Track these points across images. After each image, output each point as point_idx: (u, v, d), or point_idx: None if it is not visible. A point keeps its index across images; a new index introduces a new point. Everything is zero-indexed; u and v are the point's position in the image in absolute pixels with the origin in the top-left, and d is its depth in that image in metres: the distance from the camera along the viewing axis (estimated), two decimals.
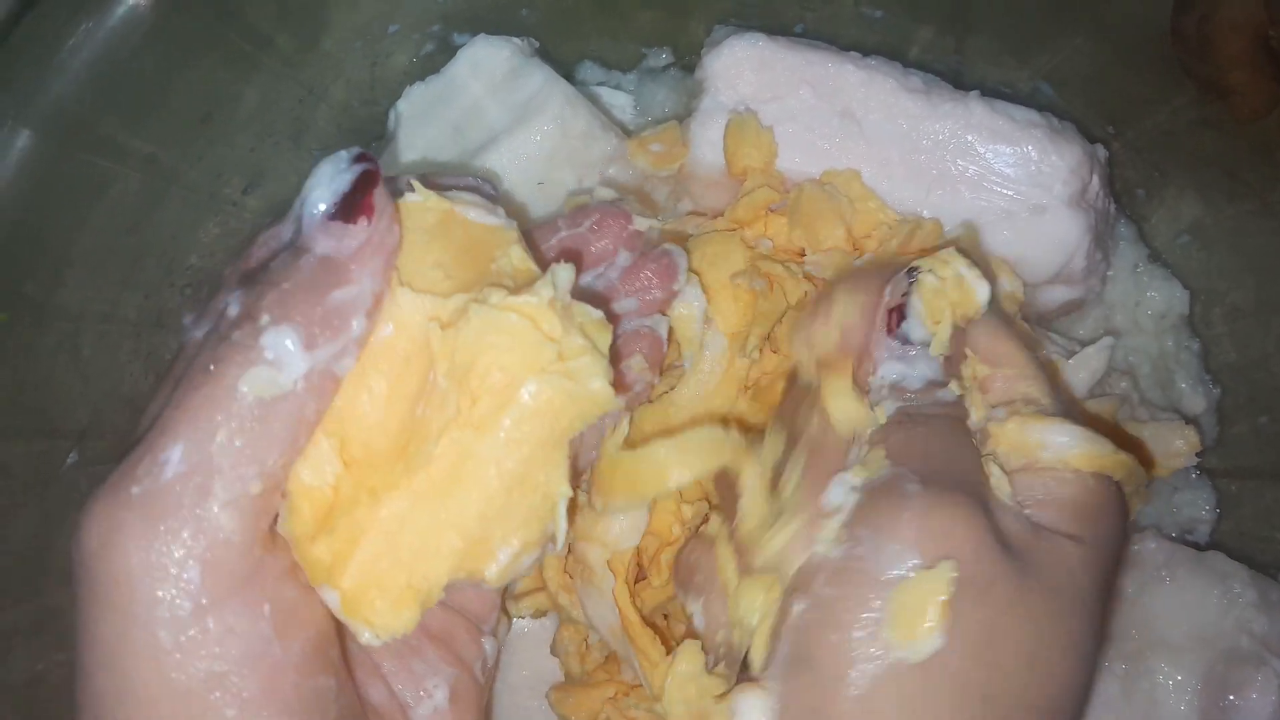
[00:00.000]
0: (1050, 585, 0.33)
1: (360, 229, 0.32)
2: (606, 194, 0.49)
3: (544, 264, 0.36)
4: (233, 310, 0.32)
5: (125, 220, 0.47)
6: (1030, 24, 0.55)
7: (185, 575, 0.29)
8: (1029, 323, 0.52)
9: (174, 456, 0.30)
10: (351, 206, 0.32)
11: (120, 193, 0.47)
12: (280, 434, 0.31)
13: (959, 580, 0.31)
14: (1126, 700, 0.48)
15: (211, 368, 0.31)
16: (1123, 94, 0.54)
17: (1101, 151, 0.52)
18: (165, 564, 0.29)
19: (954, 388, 0.37)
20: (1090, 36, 0.54)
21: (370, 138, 0.56)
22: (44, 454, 0.46)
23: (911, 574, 0.32)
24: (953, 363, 0.38)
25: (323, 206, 0.32)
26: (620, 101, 0.57)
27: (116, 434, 0.47)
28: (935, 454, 0.35)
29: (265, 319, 0.31)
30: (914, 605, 0.31)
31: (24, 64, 0.43)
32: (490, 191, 0.39)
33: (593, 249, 0.43)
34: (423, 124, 0.52)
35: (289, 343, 0.31)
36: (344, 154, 0.33)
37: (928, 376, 0.37)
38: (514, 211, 0.40)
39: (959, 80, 0.52)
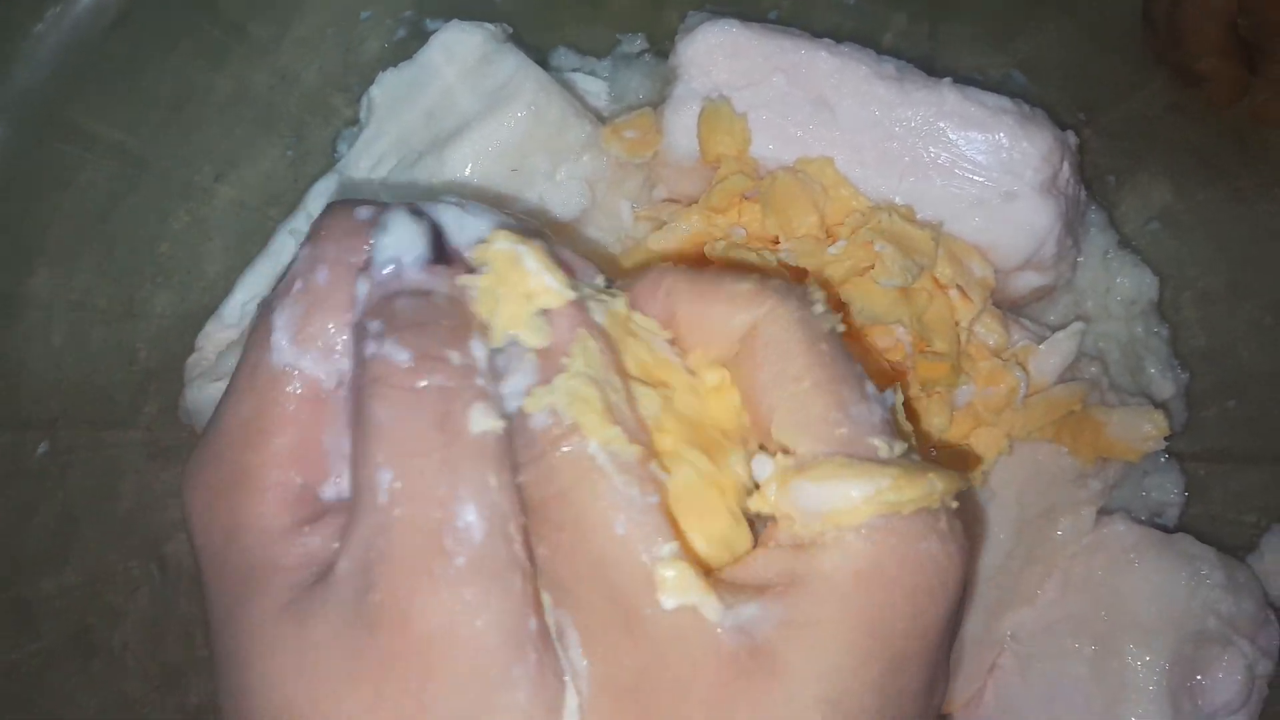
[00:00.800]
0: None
1: (457, 268, 0.31)
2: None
3: None
4: (398, 356, 0.29)
5: (95, 208, 0.47)
6: (1003, 11, 0.55)
7: (529, 624, 0.28)
8: (1000, 309, 0.52)
9: (471, 518, 0.27)
10: (441, 250, 0.31)
11: (90, 180, 0.46)
12: (507, 459, 0.29)
13: None
14: (1095, 680, 0.49)
15: (446, 423, 0.28)
16: (1094, 81, 0.55)
17: (1072, 138, 0.52)
18: (518, 621, 0.28)
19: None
20: (1062, 23, 0.54)
21: (343, 124, 0.56)
22: (14, 444, 0.46)
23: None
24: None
25: (422, 252, 0.30)
26: (594, 88, 0.57)
27: (88, 424, 0.47)
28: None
29: (455, 356, 0.29)
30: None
31: None
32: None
33: None
34: (395, 110, 0.52)
35: (474, 366, 0.29)
36: (403, 207, 0.31)
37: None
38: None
39: (932, 67, 0.52)
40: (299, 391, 0.30)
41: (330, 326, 0.31)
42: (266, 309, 0.31)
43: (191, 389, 0.51)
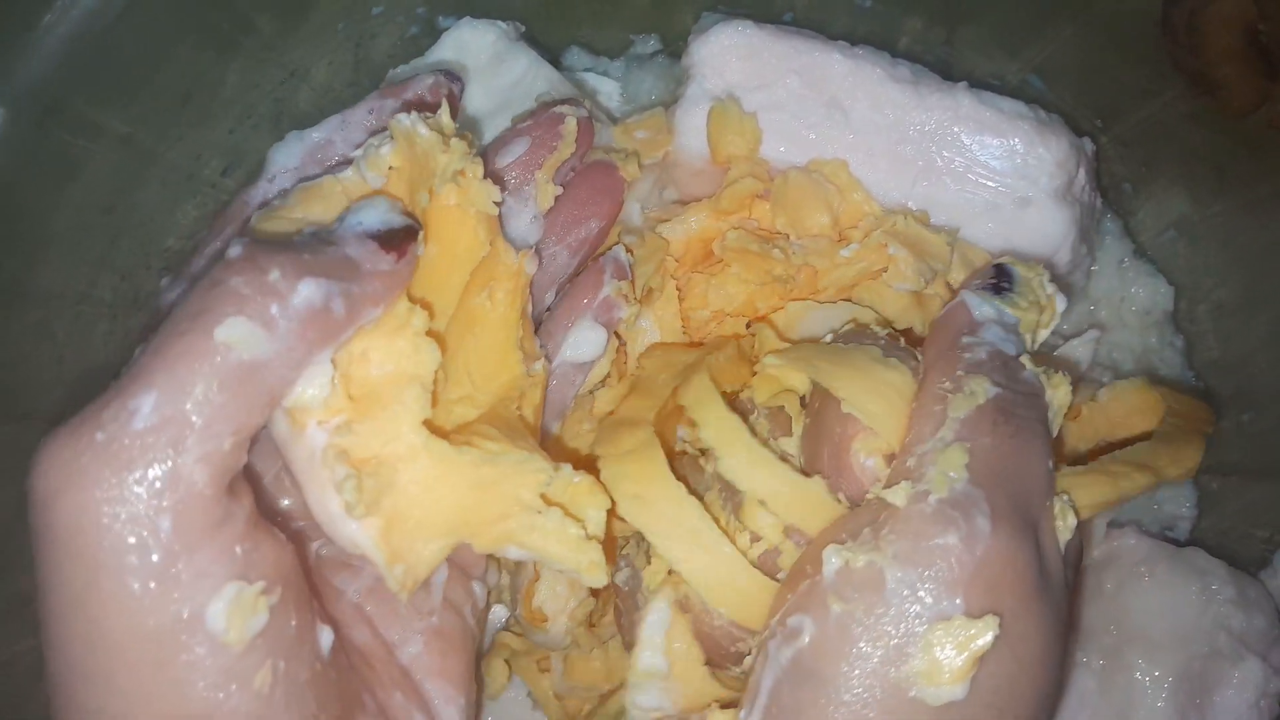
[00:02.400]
0: (1062, 624, 0.33)
1: (389, 260, 0.33)
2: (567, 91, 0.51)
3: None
4: (235, 252, 0.31)
5: (101, 200, 0.47)
6: (1020, 16, 0.55)
7: (156, 524, 0.29)
8: None
9: (145, 406, 0.29)
10: (393, 240, 0.34)
11: (96, 173, 0.46)
12: (257, 398, 0.30)
13: (998, 634, 0.30)
14: (1103, 696, 0.48)
15: (198, 316, 0.30)
16: (1112, 87, 0.54)
17: (1089, 145, 0.52)
18: (135, 513, 0.29)
19: (1034, 366, 0.36)
20: (1080, 29, 0.54)
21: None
22: (17, 436, 0.45)
23: (952, 618, 0.30)
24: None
25: (369, 225, 0.34)
26: (607, 88, 0.57)
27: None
28: (1015, 476, 0.33)
29: (275, 274, 0.31)
30: (949, 652, 0.30)
31: None
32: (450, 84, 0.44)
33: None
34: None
35: (297, 302, 0.31)
36: (398, 204, 0.35)
37: (1020, 348, 0.37)
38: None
39: (948, 71, 0.52)
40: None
41: None
42: None
43: None
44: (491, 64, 0.51)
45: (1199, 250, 0.55)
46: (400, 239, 0.34)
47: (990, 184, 0.49)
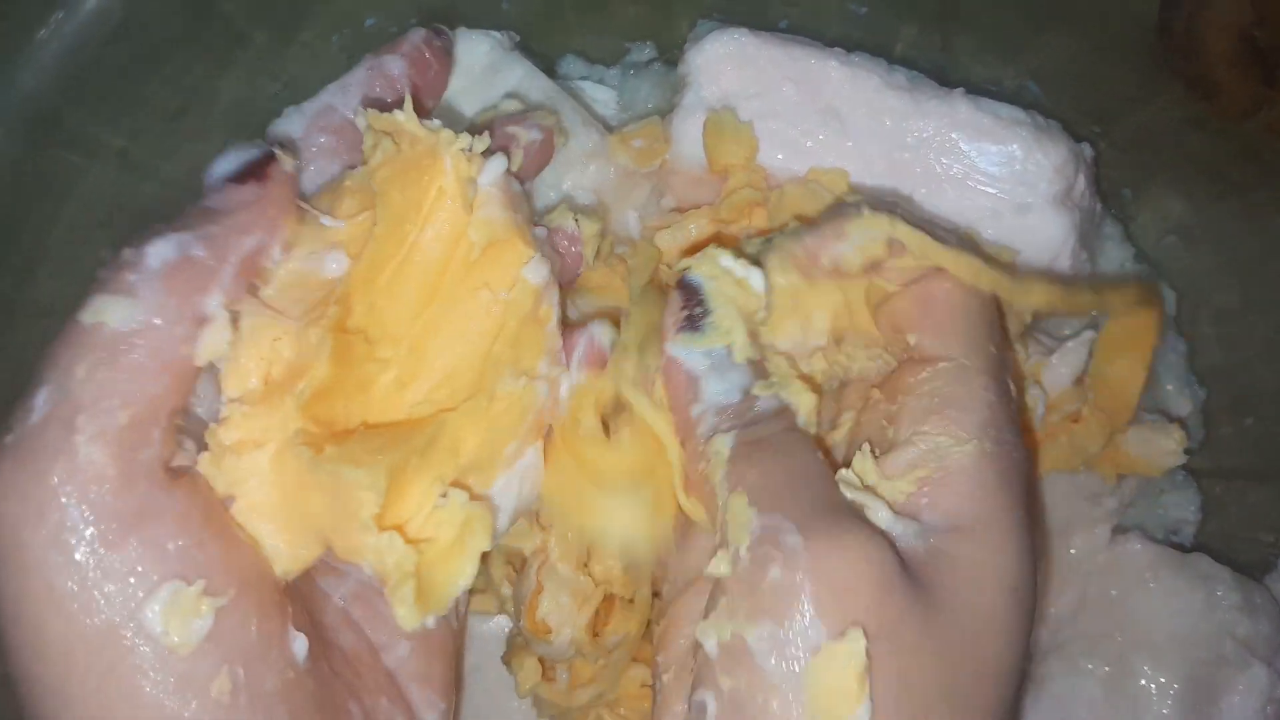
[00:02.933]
0: (953, 605, 0.32)
1: (251, 189, 0.35)
2: (511, 106, 0.50)
3: None
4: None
5: (97, 214, 0.47)
6: (1017, 21, 0.55)
7: (68, 516, 0.29)
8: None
9: (39, 400, 0.30)
10: (249, 172, 0.35)
11: (92, 186, 0.46)
12: (144, 364, 0.31)
13: (869, 640, 0.29)
14: (1109, 702, 0.48)
15: (75, 309, 0.31)
16: (1109, 92, 0.54)
17: (1088, 150, 0.52)
18: (45, 507, 0.29)
19: (766, 389, 0.36)
20: (1077, 34, 0.54)
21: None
22: None
23: (821, 651, 0.29)
24: (759, 365, 0.37)
25: (221, 171, 0.35)
26: (603, 96, 0.57)
27: None
28: (797, 484, 0.33)
29: (127, 250, 0.32)
30: (833, 687, 0.29)
31: None
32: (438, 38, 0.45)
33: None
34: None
35: (150, 262, 0.32)
36: (253, 149, 0.36)
37: (743, 385, 0.36)
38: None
39: (945, 78, 0.52)
40: None
41: None
42: None
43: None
44: (486, 74, 0.51)
45: (1199, 255, 0.55)
46: (256, 167, 0.35)
47: (989, 190, 0.49)
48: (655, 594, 0.45)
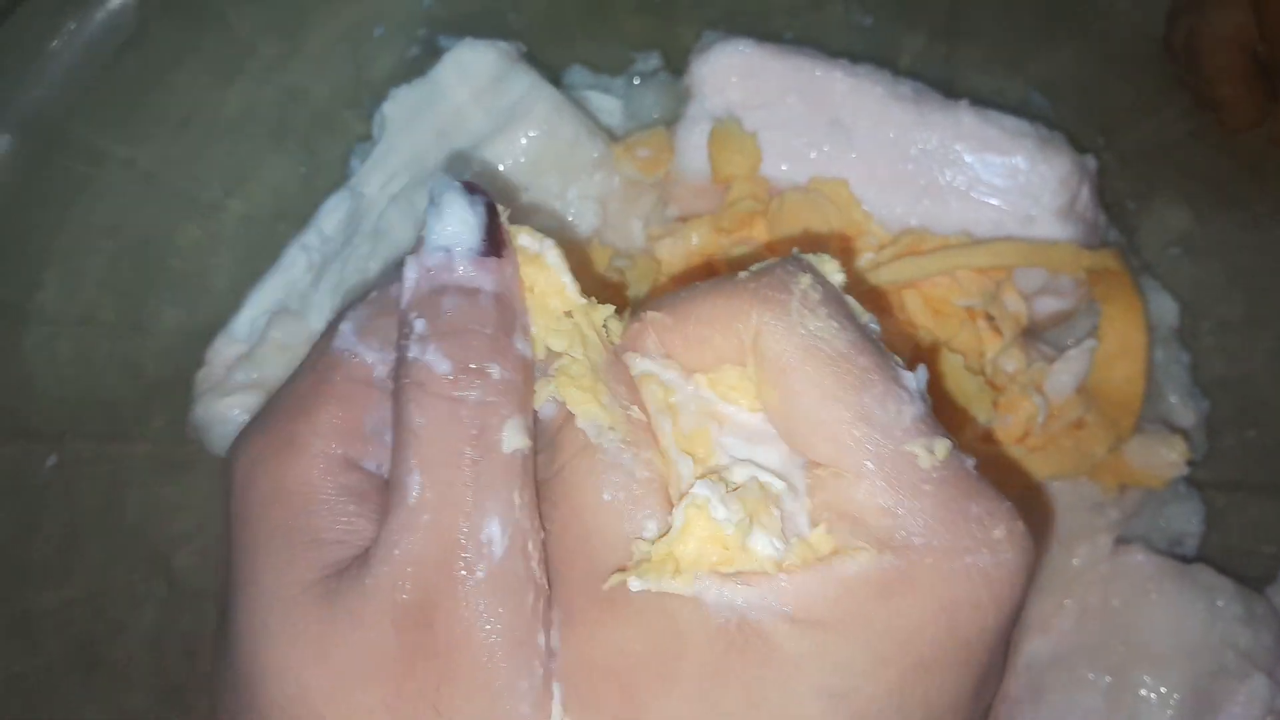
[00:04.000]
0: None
1: (508, 260, 0.31)
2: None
3: None
4: (441, 368, 0.29)
5: (104, 223, 0.47)
6: (1022, 33, 0.55)
7: (538, 641, 0.28)
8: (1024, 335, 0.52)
9: (495, 532, 0.27)
10: (493, 240, 0.31)
11: (99, 195, 0.46)
12: (531, 477, 0.29)
13: None
14: (1109, 713, 0.48)
15: (476, 439, 0.28)
16: (1114, 104, 0.54)
17: (1092, 162, 0.52)
18: (521, 639, 0.27)
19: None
20: (1082, 46, 0.54)
21: (355, 140, 0.56)
22: (21, 457, 0.46)
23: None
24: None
25: (474, 242, 0.30)
26: (609, 106, 0.57)
27: (94, 437, 0.47)
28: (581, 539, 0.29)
29: (496, 370, 0.29)
30: None
31: (2, 68, 0.43)
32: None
33: None
34: (408, 127, 0.52)
35: (516, 376, 0.29)
36: (456, 186, 0.31)
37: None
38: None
39: (950, 89, 0.52)
40: (351, 373, 0.31)
41: (394, 324, 0.31)
42: (341, 311, 0.33)
43: (200, 404, 0.51)
44: (492, 84, 0.51)
45: (1202, 267, 0.55)
46: (494, 233, 0.31)
47: (993, 202, 0.49)
48: None
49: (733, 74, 0.50)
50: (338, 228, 0.53)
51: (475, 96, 0.51)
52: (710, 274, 0.50)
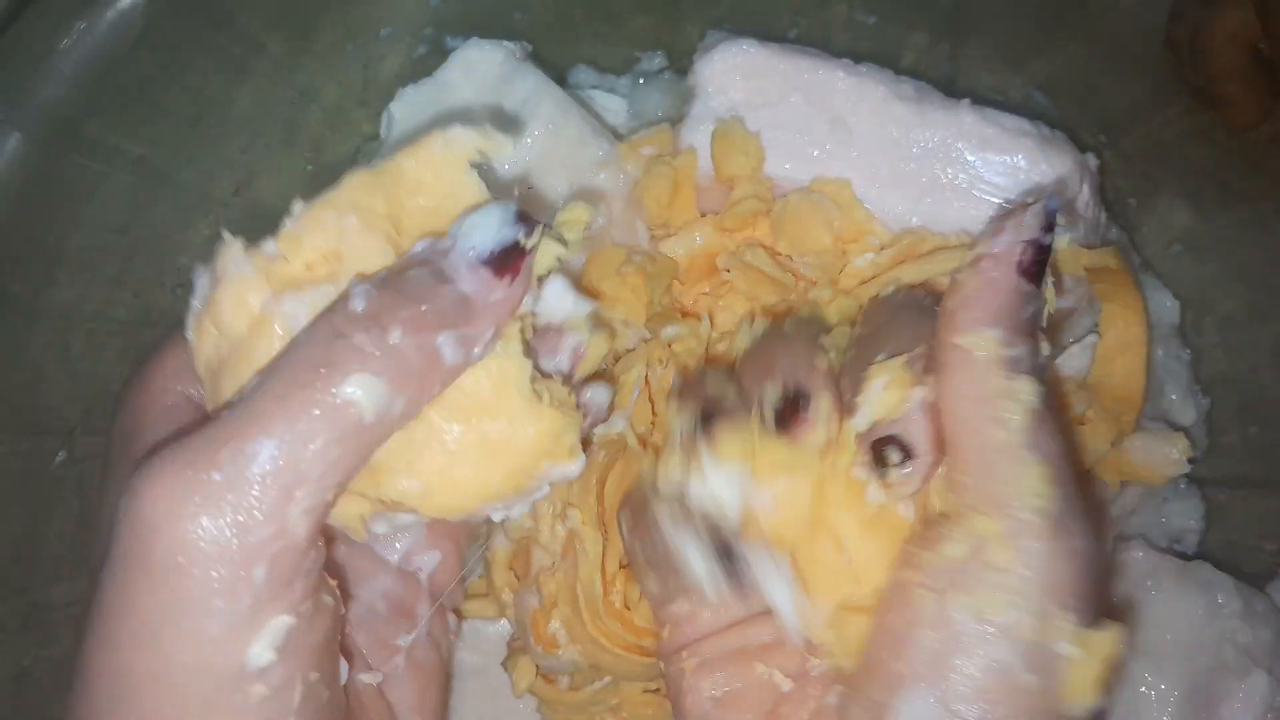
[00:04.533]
0: None
1: (504, 286, 0.32)
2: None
3: None
4: (357, 305, 0.31)
5: (115, 220, 0.47)
6: (1024, 31, 0.55)
7: (252, 572, 0.29)
8: None
9: (264, 451, 0.29)
10: (506, 262, 0.33)
11: (110, 193, 0.47)
12: (368, 450, 0.31)
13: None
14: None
15: (323, 370, 0.30)
16: (1116, 102, 0.54)
17: (1093, 160, 0.52)
18: (234, 556, 0.29)
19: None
20: (1084, 45, 0.54)
21: (363, 139, 0.56)
22: (32, 452, 0.46)
23: (1087, 636, 0.32)
24: None
25: (481, 248, 0.32)
26: (614, 105, 0.57)
27: (105, 433, 0.47)
28: (1072, 477, 0.33)
29: (397, 333, 0.30)
30: (1086, 668, 0.32)
31: (14, 67, 0.43)
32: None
33: None
34: (415, 126, 0.52)
35: (416, 359, 0.31)
36: (511, 208, 0.33)
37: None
38: None
39: (952, 87, 0.52)
40: None
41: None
42: None
43: None
44: (499, 84, 0.51)
45: (1204, 264, 0.55)
46: (512, 258, 0.33)
47: (995, 200, 0.49)
48: None
49: (736, 73, 0.51)
50: None
51: (481, 96, 0.51)
52: (713, 273, 0.50)
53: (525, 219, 0.33)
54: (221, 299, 0.32)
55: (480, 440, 0.34)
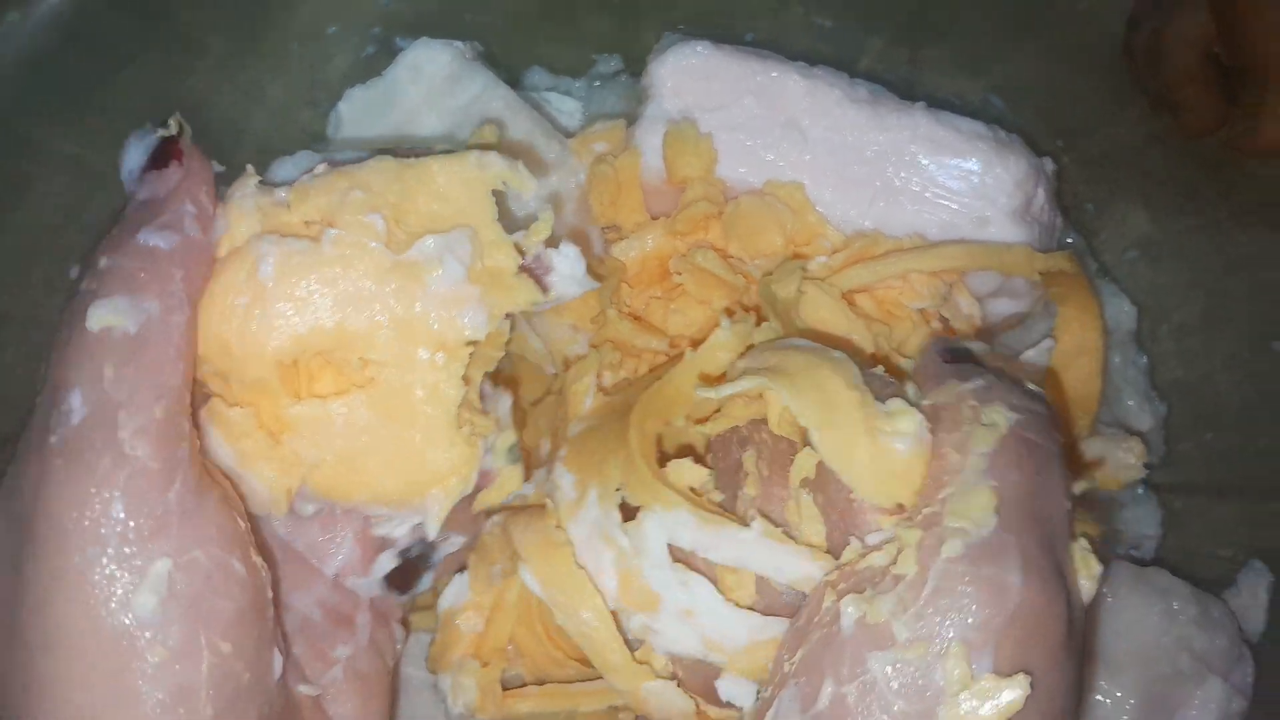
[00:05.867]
0: (1081, 672, 0.32)
1: (174, 170, 0.35)
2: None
3: None
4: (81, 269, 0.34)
5: (51, 221, 0.47)
6: (983, 36, 0.55)
7: (112, 511, 0.30)
8: (978, 338, 0.51)
9: (75, 402, 0.31)
10: (162, 156, 0.35)
11: (43, 194, 0.46)
12: (162, 357, 0.32)
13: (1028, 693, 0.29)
14: None
15: (76, 313, 0.32)
16: (1073, 108, 0.55)
17: (1049, 164, 0.52)
18: (91, 500, 0.30)
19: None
20: (1044, 50, 0.54)
21: (310, 140, 0.56)
22: None
23: (982, 677, 0.29)
24: None
25: (135, 162, 0.35)
26: (569, 108, 0.57)
27: None
28: (1043, 517, 0.31)
29: (103, 261, 0.33)
30: (979, 713, 0.29)
31: None
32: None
33: None
34: (363, 127, 0.52)
35: (128, 263, 0.33)
36: (146, 129, 0.36)
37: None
38: None
39: (910, 91, 0.52)
40: None
41: None
42: None
43: None
44: (447, 84, 0.51)
45: (1161, 270, 0.55)
46: (168, 149, 0.35)
47: (948, 204, 0.49)
48: None
49: (690, 76, 0.50)
50: None
51: (429, 97, 0.51)
52: (664, 277, 0.50)
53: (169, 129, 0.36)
54: (222, 217, 0.36)
55: (391, 440, 0.35)
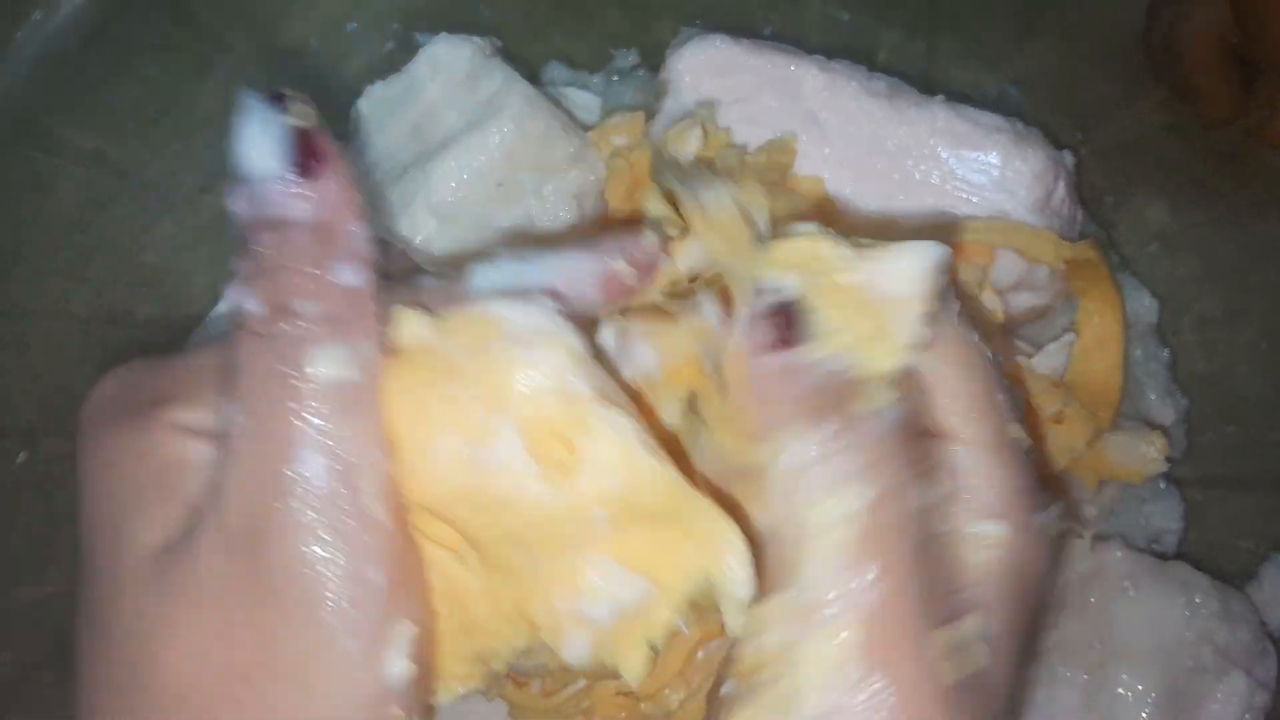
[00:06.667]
0: None
1: (330, 184, 0.28)
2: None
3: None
4: (254, 307, 0.28)
5: (74, 217, 0.47)
6: (999, 28, 0.55)
7: (365, 572, 0.28)
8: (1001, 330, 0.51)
9: (314, 464, 0.28)
10: (304, 158, 0.28)
11: (67, 189, 0.46)
12: (368, 409, 0.29)
13: None
14: (1086, 710, 0.48)
15: (286, 367, 0.28)
16: (1092, 100, 0.54)
17: (1068, 158, 0.52)
18: (343, 571, 0.28)
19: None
20: (1061, 42, 0.54)
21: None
22: None
23: None
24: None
25: (273, 167, 0.28)
26: (587, 103, 0.57)
27: (67, 433, 0.47)
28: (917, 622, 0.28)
29: (308, 307, 0.28)
30: None
31: None
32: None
33: None
34: (382, 123, 0.52)
35: (330, 317, 0.28)
36: (256, 100, 0.29)
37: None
38: None
39: (927, 84, 0.52)
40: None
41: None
42: None
43: None
44: (467, 80, 0.51)
45: (1181, 262, 0.55)
46: (306, 150, 0.29)
47: (968, 197, 0.49)
48: None
49: (708, 70, 0.50)
50: None
51: (448, 92, 0.51)
52: None
53: (276, 100, 0.29)
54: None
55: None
